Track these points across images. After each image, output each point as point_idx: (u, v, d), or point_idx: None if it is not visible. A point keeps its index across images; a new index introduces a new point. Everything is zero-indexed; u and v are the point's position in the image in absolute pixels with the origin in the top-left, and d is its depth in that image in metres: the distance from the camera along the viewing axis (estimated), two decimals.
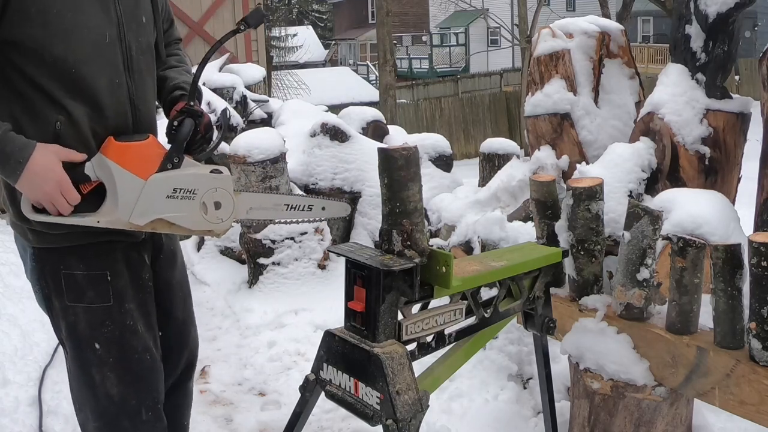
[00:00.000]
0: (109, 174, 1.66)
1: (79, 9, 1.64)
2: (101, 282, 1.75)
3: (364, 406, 1.72)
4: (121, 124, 1.74)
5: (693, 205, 2.53)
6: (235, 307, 3.96)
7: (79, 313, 1.75)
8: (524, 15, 18.07)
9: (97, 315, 1.76)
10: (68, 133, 1.66)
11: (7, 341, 3.27)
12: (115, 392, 1.80)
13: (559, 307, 2.35)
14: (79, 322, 1.76)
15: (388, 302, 1.71)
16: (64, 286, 1.74)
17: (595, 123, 3.33)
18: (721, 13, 2.75)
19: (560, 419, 2.35)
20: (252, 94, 6.44)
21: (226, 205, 1.76)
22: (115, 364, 1.79)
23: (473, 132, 20.89)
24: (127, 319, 1.79)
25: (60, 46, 1.62)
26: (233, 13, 11.32)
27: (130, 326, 1.79)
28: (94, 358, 1.78)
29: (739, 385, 1.95)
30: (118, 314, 1.77)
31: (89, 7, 1.66)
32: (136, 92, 1.77)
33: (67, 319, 1.77)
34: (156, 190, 1.68)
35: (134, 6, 1.77)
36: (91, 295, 1.75)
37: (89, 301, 1.74)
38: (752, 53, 21.55)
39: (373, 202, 4.52)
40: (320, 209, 2.02)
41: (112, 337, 1.77)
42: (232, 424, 2.98)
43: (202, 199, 1.73)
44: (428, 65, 32.51)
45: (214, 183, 1.74)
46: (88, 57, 1.66)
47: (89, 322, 1.76)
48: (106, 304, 1.75)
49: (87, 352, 1.78)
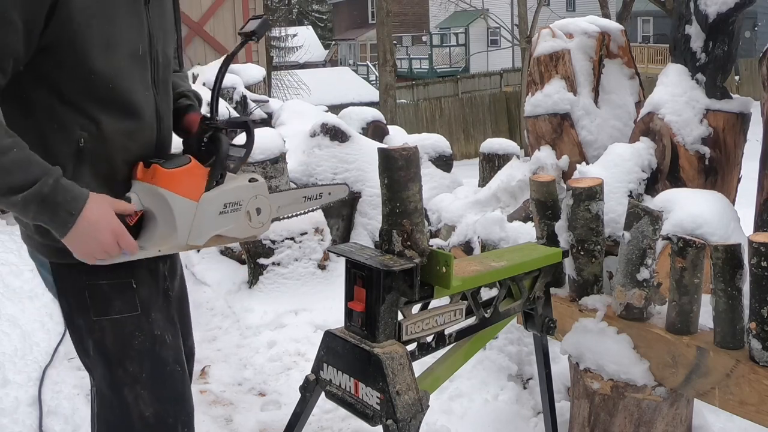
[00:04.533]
0: (162, 202, 1.64)
1: (116, 21, 1.58)
2: (127, 290, 1.67)
3: (364, 407, 1.72)
4: (148, 138, 1.70)
5: (693, 205, 2.53)
6: (235, 307, 3.96)
7: (106, 327, 1.66)
8: (524, 15, 18.09)
9: (125, 326, 1.67)
10: (92, 149, 1.59)
11: (7, 341, 3.27)
12: (150, 413, 1.69)
13: (559, 307, 2.35)
14: (106, 337, 1.66)
15: (388, 302, 1.71)
16: (90, 300, 1.65)
17: (595, 123, 3.33)
18: (721, 13, 2.75)
19: (560, 419, 2.35)
20: (252, 94, 6.44)
21: (265, 209, 1.80)
22: (148, 380, 1.69)
23: (473, 132, 20.91)
24: (156, 329, 1.70)
25: (99, 60, 1.55)
26: (233, 13, 11.32)
27: (159, 337, 1.71)
28: (126, 376, 1.67)
29: (739, 385, 1.95)
30: (147, 324, 1.69)
31: (125, 19, 1.60)
32: (161, 104, 1.73)
33: (93, 335, 1.67)
34: (209, 209, 1.70)
35: (161, 16, 1.73)
36: (118, 305, 1.66)
37: (117, 312, 1.66)
38: (752, 53, 21.57)
39: (373, 202, 4.52)
40: (327, 194, 2.11)
41: (143, 349, 1.68)
42: (232, 424, 2.98)
43: (246, 209, 1.76)
44: (428, 65, 32.52)
45: (255, 191, 1.78)
46: (124, 70, 1.60)
47: (118, 335, 1.67)
48: (135, 314, 1.67)
49: (118, 371, 1.67)
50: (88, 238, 1.52)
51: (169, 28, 1.77)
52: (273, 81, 16.32)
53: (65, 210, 1.48)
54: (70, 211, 1.49)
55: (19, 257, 3.99)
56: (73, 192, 1.50)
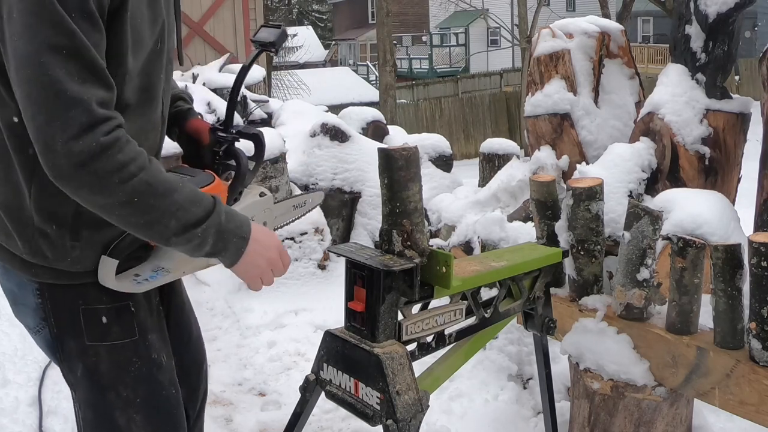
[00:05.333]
0: None
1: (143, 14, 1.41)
2: (125, 313, 1.54)
3: (364, 407, 1.72)
4: (155, 140, 1.58)
5: (693, 205, 2.53)
6: (235, 307, 3.96)
7: (101, 352, 1.53)
8: (524, 15, 18.09)
9: (123, 353, 1.55)
10: None
11: (7, 341, 3.27)
12: None
13: (559, 307, 2.35)
14: (101, 363, 1.54)
15: (389, 302, 1.71)
16: (84, 324, 1.52)
17: (595, 123, 3.33)
18: (721, 13, 2.75)
19: (560, 419, 2.35)
20: (252, 94, 6.44)
21: (270, 222, 1.79)
22: (143, 405, 1.58)
23: (473, 132, 20.90)
24: (153, 352, 1.60)
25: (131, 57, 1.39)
26: (233, 13, 11.33)
27: (155, 360, 1.60)
28: (118, 401, 1.56)
29: (739, 385, 1.95)
30: (144, 348, 1.58)
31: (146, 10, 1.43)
32: (166, 104, 1.62)
33: (85, 360, 1.54)
34: None
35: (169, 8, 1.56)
36: (117, 331, 1.53)
37: (114, 338, 1.54)
38: (752, 53, 21.56)
39: (373, 202, 4.52)
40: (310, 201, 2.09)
41: (140, 375, 1.57)
42: (232, 424, 2.98)
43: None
44: (428, 65, 32.53)
45: (264, 205, 1.76)
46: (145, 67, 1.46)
47: (114, 362, 1.55)
48: (133, 339, 1.56)
49: (110, 395, 1.56)
50: (258, 260, 1.48)
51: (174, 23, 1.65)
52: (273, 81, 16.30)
53: (238, 236, 1.44)
54: (242, 236, 1.44)
55: None
56: (239, 216, 1.45)
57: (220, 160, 1.67)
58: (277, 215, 1.91)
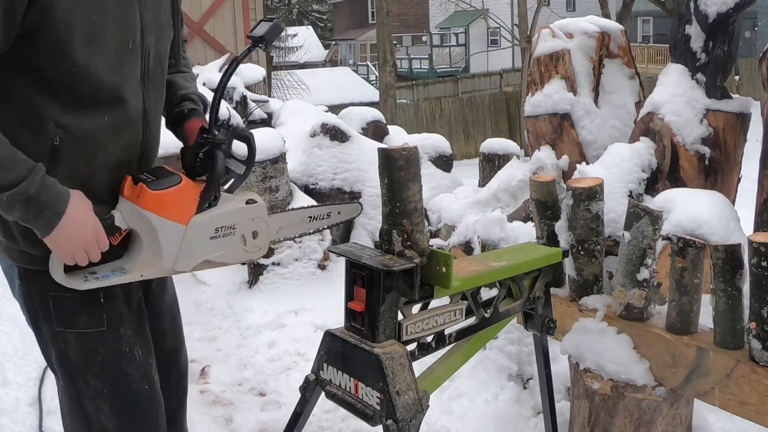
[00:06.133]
0: (147, 225, 1.56)
1: (106, 12, 1.48)
2: (94, 304, 1.60)
3: (364, 407, 1.72)
4: (132, 139, 1.61)
5: (693, 205, 2.53)
6: (235, 307, 3.96)
7: (69, 339, 1.60)
8: (524, 15, 18.09)
9: (89, 341, 1.61)
10: (68, 149, 1.51)
11: (7, 341, 3.26)
12: (112, 426, 1.65)
13: (559, 307, 2.35)
14: (69, 349, 1.61)
15: (389, 302, 1.71)
16: (53, 310, 1.59)
17: (595, 123, 3.33)
18: (721, 13, 2.75)
19: (560, 419, 2.35)
20: (252, 94, 6.45)
21: (263, 232, 1.71)
22: (110, 396, 1.64)
23: (473, 132, 20.90)
24: (123, 345, 1.64)
25: (82, 52, 1.45)
26: (233, 13, 11.33)
27: (126, 353, 1.65)
28: (87, 389, 1.63)
29: (739, 385, 1.95)
30: (113, 340, 1.63)
31: (115, 10, 1.50)
32: (150, 103, 1.64)
33: (56, 346, 1.62)
34: (198, 234, 1.60)
35: (157, 8, 1.62)
36: (84, 320, 1.60)
37: (81, 327, 1.60)
38: (752, 53, 21.57)
39: (373, 202, 4.52)
40: (337, 214, 1.99)
41: (107, 365, 1.62)
42: (232, 424, 2.98)
43: (241, 232, 1.67)
44: (428, 65, 32.52)
45: (252, 213, 1.68)
46: (110, 64, 1.50)
47: (81, 349, 1.61)
48: (100, 329, 1.61)
49: (79, 382, 1.63)
50: (71, 237, 1.48)
51: (165, 22, 1.67)
52: (273, 81, 16.32)
53: (51, 209, 1.44)
54: (55, 211, 1.45)
55: None
56: (56, 190, 1.45)
57: (200, 162, 1.65)
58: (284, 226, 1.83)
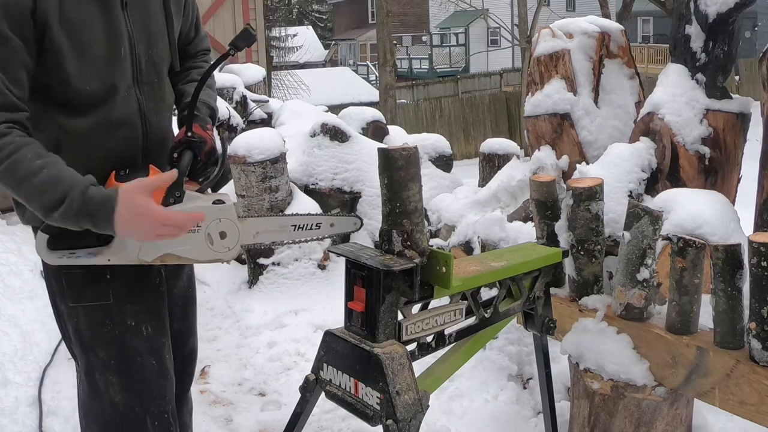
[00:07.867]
0: None
1: (94, 28, 1.65)
2: (100, 280, 1.74)
3: (364, 407, 1.72)
4: (131, 136, 1.75)
5: (693, 205, 2.53)
6: (235, 308, 3.96)
7: (80, 314, 1.75)
8: (524, 15, 18.07)
9: (96, 314, 1.74)
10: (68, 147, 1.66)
11: (7, 341, 3.26)
12: (119, 399, 1.76)
13: (559, 307, 2.35)
14: (81, 324, 1.75)
15: (388, 302, 1.71)
16: (66, 286, 1.74)
17: (595, 123, 3.33)
18: (721, 13, 2.75)
19: (560, 419, 2.35)
20: (252, 94, 6.45)
21: (232, 234, 1.74)
22: (117, 367, 1.76)
23: (473, 132, 20.91)
24: (128, 319, 1.76)
25: (73, 65, 1.62)
26: (233, 13, 11.32)
27: (131, 327, 1.77)
28: (96, 360, 1.76)
29: (739, 385, 1.95)
30: (118, 314, 1.75)
31: (102, 25, 1.67)
32: (147, 104, 1.78)
33: (71, 321, 1.77)
34: None
35: (145, 17, 1.77)
36: (91, 294, 1.74)
37: (89, 300, 1.74)
38: (752, 53, 21.57)
39: (373, 202, 4.52)
40: (329, 226, 1.99)
41: (113, 337, 1.75)
42: (232, 424, 2.98)
43: (207, 231, 1.72)
44: (428, 65, 32.52)
45: (218, 214, 1.72)
46: (99, 72, 1.67)
47: (90, 322, 1.75)
48: (105, 303, 1.74)
49: (90, 355, 1.76)
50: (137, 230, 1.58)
51: (156, 29, 1.80)
52: (273, 81, 16.32)
53: (100, 216, 1.55)
54: (104, 217, 1.55)
55: (19, 257, 3.99)
56: (99, 198, 1.55)
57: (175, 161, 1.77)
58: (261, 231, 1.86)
